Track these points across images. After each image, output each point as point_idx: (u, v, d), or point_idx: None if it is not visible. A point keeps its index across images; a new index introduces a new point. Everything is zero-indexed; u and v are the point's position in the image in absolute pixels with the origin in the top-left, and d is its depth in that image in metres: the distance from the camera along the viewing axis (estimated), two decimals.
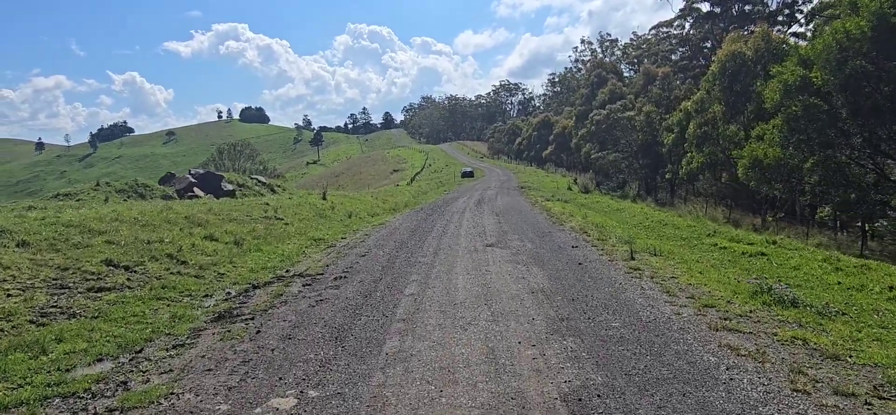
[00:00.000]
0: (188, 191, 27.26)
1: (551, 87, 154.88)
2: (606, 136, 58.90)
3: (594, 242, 15.49)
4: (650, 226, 21.54)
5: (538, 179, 61.25)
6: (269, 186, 32.73)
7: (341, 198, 31.87)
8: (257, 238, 17.80)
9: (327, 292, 10.74)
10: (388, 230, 20.09)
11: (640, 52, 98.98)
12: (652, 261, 12.61)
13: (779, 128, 26.40)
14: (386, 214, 27.50)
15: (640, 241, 16.08)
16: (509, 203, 30.63)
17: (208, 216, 19.58)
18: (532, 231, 18.32)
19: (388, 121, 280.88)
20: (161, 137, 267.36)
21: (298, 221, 21.99)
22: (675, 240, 17.95)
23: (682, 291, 9.74)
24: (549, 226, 19.77)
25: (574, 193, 42.53)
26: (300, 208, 24.74)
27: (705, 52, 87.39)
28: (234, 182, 30.44)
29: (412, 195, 44.63)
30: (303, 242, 17.87)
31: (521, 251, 14.42)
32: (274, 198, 27.51)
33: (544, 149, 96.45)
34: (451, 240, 16.90)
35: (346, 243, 17.25)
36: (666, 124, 50.75)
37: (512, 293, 9.91)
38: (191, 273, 13.02)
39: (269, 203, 23.87)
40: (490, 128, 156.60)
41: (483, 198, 35.19)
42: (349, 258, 14.51)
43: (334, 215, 25.20)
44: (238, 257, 14.93)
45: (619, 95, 62.94)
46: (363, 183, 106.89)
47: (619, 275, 11.24)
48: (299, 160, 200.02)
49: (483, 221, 21.99)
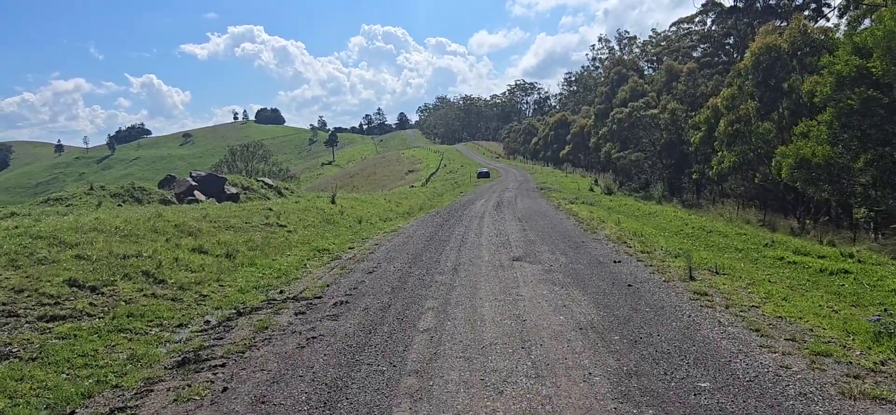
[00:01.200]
0: (188, 195, 25.37)
1: (567, 86, 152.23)
2: (628, 135, 56.42)
3: (638, 255, 13.27)
4: (693, 234, 19.24)
5: (557, 179, 58.89)
6: (277, 189, 30.78)
7: (352, 201, 29.85)
8: (254, 250, 15.76)
9: (323, 325, 8.65)
10: (401, 239, 17.98)
11: (660, 50, 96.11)
12: (716, 282, 10.37)
13: (827, 123, 23.97)
14: (399, 220, 25.41)
15: (692, 253, 13.86)
16: (531, 206, 28.42)
17: (201, 224, 17.61)
18: (563, 240, 16.12)
19: (403, 121, 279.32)
20: (178, 138, 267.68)
21: (302, 229, 19.95)
22: (729, 251, 15.68)
23: (776, 329, 7.52)
24: (581, 234, 17.56)
25: (597, 195, 40.19)
26: (306, 214, 22.73)
27: (727, 49, 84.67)
28: (238, 185, 28.51)
29: (427, 197, 42.53)
30: (305, 253, 15.82)
31: (554, 267, 12.24)
32: (279, 202, 25.53)
33: (561, 149, 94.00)
34: (472, 252, 14.75)
35: (353, 256, 15.16)
36: (692, 122, 48.20)
37: (554, 330, 7.74)
38: (168, 295, 10.99)
39: (271, 208, 21.87)
40: (505, 127, 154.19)
41: (502, 200, 33.00)
42: (354, 275, 12.41)
43: (343, 221, 23.15)
44: (228, 274, 12.89)
45: (640, 93, 60.39)
46: (378, 184, 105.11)
47: (683, 302, 9.03)
48: (314, 161, 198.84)
49: (505, 227, 19.83)
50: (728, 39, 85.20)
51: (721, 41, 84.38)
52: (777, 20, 74.74)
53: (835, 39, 35.78)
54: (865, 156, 22.94)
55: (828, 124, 23.97)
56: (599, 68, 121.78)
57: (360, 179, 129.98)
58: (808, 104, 34.32)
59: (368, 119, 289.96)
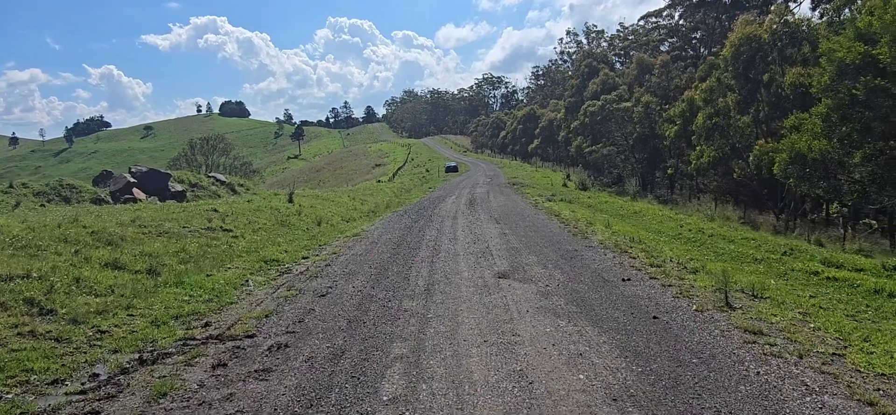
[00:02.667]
0: (126, 193, 22.31)
1: (535, 80, 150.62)
2: (601, 128, 54.55)
3: (647, 270, 10.94)
4: (695, 238, 17.06)
5: (527, 174, 56.71)
6: (230, 186, 27.78)
7: (312, 199, 27.03)
8: (186, 262, 12.99)
9: (246, 390, 6.07)
10: (364, 246, 15.38)
11: (628, 44, 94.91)
12: (762, 311, 8.08)
13: (822, 116, 22.09)
14: (363, 220, 22.76)
15: (705, 264, 11.59)
16: (506, 204, 26.05)
17: (127, 230, 14.73)
18: (552, 249, 13.73)
19: (370, 115, 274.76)
20: (139, 131, 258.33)
21: (251, 234, 17.18)
22: (747, 262, 13.49)
23: (891, 398, 5.21)
24: (570, 239, 15.21)
25: (572, 191, 38.09)
26: (258, 215, 19.93)
27: (694, 43, 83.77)
28: (185, 181, 25.46)
29: (394, 193, 39.88)
30: (249, 265, 13.13)
31: (551, 288, 9.83)
32: (229, 201, 22.67)
33: (530, 143, 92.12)
34: (448, 264, 12.26)
35: (306, 269, 12.53)
36: (667, 116, 46.49)
37: (577, 403, 5.31)
38: (52, 332, 8.24)
39: (217, 209, 19.02)
40: (473, 121, 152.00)
41: (474, 197, 30.58)
42: (303, 299, 9.81)
43: (300, 224, 20.41)
44: (144, 297, 10.13)
45: (612, 86, 58.57)
46: (344, 178, 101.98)
47: (737, 347, 6.68)
48: (280, 155, 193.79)
49: (482, 230, 17.39)
50: (695, 34, 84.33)
51: (688, 36, 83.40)
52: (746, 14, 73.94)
53: (816, 29, 34.22)
54: (864, 150, 21.13)
55: (823, 117, 22.10)
56: (567, 62, 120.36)
57: (327, 173, 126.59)
58: (790, 97, 32.74)
59: (335, 112, 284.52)
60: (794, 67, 33.13)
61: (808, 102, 31.69)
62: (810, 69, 32.21)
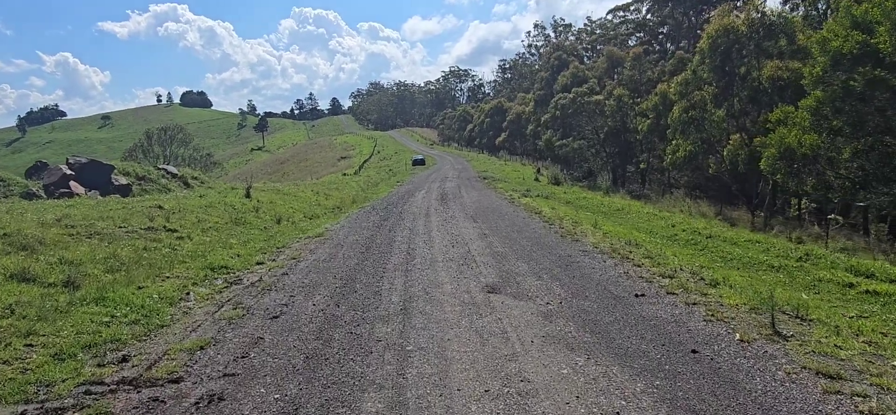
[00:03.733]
0: (61, 187, 19.90)
1: (502, 73, 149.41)
2: (572, 122, 53.33)
3: (658, 281, 9.33)
4: (694, 240, 15.57)
5: (497, 168, 55.14)
6: (182, 179, 25.39)
7: (272, 195, 24.86)
8: (115, 270, 10.91)
9: None
10: (328, 249, 13.46)
11: (595, 38, 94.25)
12: (824, 342, 6.49)
13: (812, 109, 20.95)
14: (327, 218, 20.76)
15: (714, 271, 10.05)
16: (480, 200, 24.35)
17: (49, 232, 12.54)
18: (542, 253, 12.04)
19: (336, 107, 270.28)
20: (96, 121, 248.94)
21: (200, 234, 15.08)
22: (762, 270, 12.03)
23: None
24: (558, 241, 13.55)
25: (544, 185, 36.60)
26: (210, 212, 17.79)
27: (661, 39, 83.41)
28: (131, 174, 23.03)
29: (360, 188, 37.85)
30: (192, 274, 11.10)
31: (553, 307, 8.12)
32: (178, 197, 20.44)
33: (497, 136, 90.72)
34: (426, 274, 10.46)
35: (259, 280, 10.59)
36: (639, 109, 45.46)
37: None
38: None
39: (163, 206, 16.82)
40: (440, 114, 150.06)
41: (445, 192, 28.82)
42: (251, 323, 7.91)
43: (257, 222, 18.33)
44: (53, 319, 8.08)
45: (582, 79, 57.41)
46: (309, 170, 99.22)
47: (816, 399, 5.07)
48: (243, 147, 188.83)
49: (460, 230, 15.63)
50: (662, 29, 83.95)
51: (655, 31, 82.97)
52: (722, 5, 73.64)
53: (792, 21, 33.35)
54: (856, 145, 20.06)
55: (812, 110, 20.95)
56: (535, 55, 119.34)
57: (291, 165, 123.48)
58: (768, 90, 31.81)
59: (300, 104, 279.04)
60: (771, 60, 32.24)
61: (787, 96, 30.80)
62: (788, 62, 31.35)
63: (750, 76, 33.29)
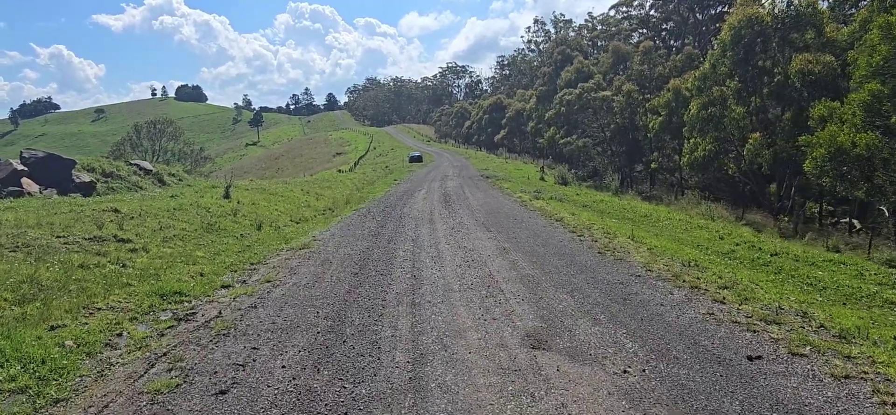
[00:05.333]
0: (11, 184, 17.13)
1: (500, 69, 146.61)
2: (576, 119, 50.66)
3: (763, 327, 6.69)
4: (760, 260, 12.93)
5: (498, 166, 52.45)
6: (157, 176, 22.57)
7: (256, 195, 22.07)
8: (27, 300, 8.18)
9: None
10: (312, 268, 10.75)
11: (596, 34, 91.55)
12: None
13: (864, 104, 18.37)
14: (316, 222, 18.03)
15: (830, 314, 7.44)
16: (488, 203, 21.68)
17: None
18: (584, 278, 9.38)
19: (332, 102, 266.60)
20: (89, 114, 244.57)
21: (159, 245, 12.33)
22: (878, 306, 9.43)
23: None
24: (597, 260, 10.89)
25: (551, 185, 33.96)
26: (178, 216, 15.04)
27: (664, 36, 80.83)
28: (96, 170, 20.20)
29: (355, 186, 35.09)
30: (135, 303, 8.39)
31: (635, 381, 5.47)
32: (144, 197, 17.68)
33: (496, 133, 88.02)
34: (439, 312, 7.78)
35: (216, 315, 7.88)
36: (650, 106, 42.79)
37: None
38: None
39: (119, 209, 14.05)
40: (437, 111, 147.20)
41: (447, 192, 26.13)
42: (187, 400, 5.23)
43: (234, 227, 15.58)
44: None
45: (586, 74, 54.74)
46: (303, 166, 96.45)
47: None
48: (238, 142, 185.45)
49: (472, 241, 12.95)
50: (666, 25, 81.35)
51: (659, 27, 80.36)
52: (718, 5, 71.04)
53: (821, 12, 30.76)
54: None
55: (865, 105, 18.37)
56: (535, 51, 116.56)
57: (286, 160, 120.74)
58: (796, 86, 29.22)
59: (296, 99, 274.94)
60: (799, 54, 29.69)
61: (817, 91, 28.26)
62: (819, 56, 28.82)
63: (775, 70, 30.73)
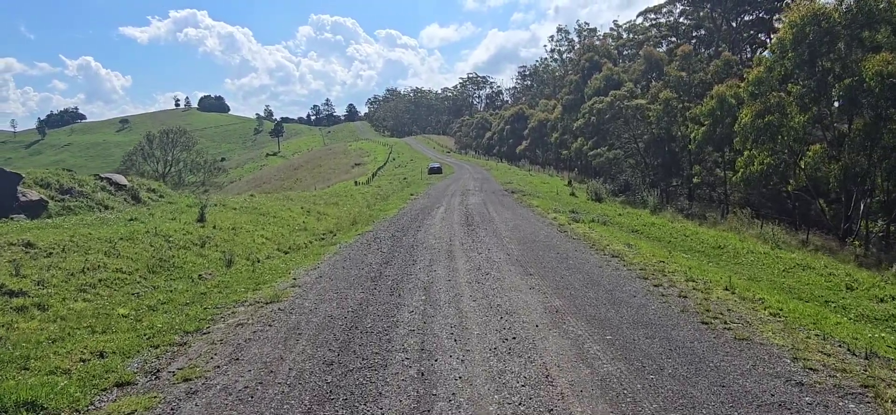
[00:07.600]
0: None
1: (521, 80, 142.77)
2: (607, 129, 46.63)
3: None
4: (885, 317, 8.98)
5: (522, 178, 48.54)
6: (131, 192, 19.10)
7: (241, 216, 18.42)
8: None
9: None
10: (268, 349, 6.99)
11: (621, 43, 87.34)
12: None
13: None
14: (307, 252, 14.32)
15: None
16: (518, 226, 17.86)
17: None
18: (707, 385, 5.54)
19: (352, 113, 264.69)
20: (114, 124, 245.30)
21: (68, 298, 8.68)
22: None
23: None
24: (703, 335, 7.03)
25: (584, 202, 30.01)
26: (122, 249, 11.43)
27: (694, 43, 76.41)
28: (51, 186, 16.76)
29: (367, 202, 31.41)
30: None
31: None
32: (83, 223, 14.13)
33: (517, 144, 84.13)
34: None
35: None
36: (691, 115, 38.67)
37: None
38: None
39: (32, 243, 10.45)
40: (457, 121, 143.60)
41: (469, 211, 22.36)
42: None
43: (195, 265, 11.91)
44: None
45: (616, 82, 50.72)
46: (322, 177, 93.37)
47: None
48: (259, 151, 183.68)
49: (509, 296, 9.14)
50: (696, 32, 76.96)
51: (689, 34, 75.97)
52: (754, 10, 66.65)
53: None
54: None
55: None
56: (558, 60, 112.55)
57: (305, 171, 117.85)
58: (874, 90, 25.03)
59: (317, 110, 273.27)
60: (873, 54, 25.57)
61: None
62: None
63: (843, 73, 26.58)
